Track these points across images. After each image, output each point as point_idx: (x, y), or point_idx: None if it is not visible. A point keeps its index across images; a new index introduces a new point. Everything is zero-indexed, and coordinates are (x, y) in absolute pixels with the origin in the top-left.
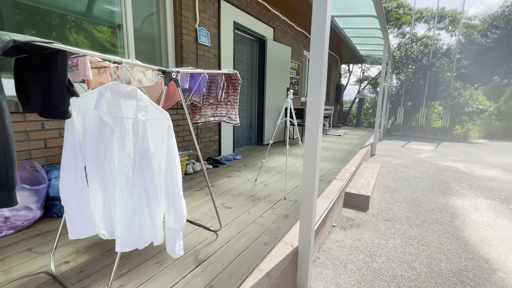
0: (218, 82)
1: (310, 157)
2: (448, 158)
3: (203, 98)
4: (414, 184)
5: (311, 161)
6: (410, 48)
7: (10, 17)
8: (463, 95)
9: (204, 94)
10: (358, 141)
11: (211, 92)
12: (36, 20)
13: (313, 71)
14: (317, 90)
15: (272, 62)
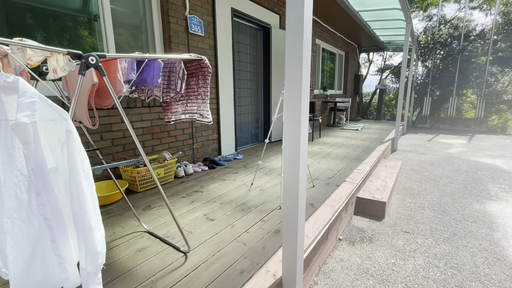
0: (177, 70)
1: (291, 166)
2: (483, 154)
3: (162, 92)
4: (442, 186)
5: (292, 172)
6: (438, 32)
7: None
8: (500, 81)
9: (163, 86)
10: (377, 135)
11: (171, 83)
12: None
13: (289, 51)
14: (295, 77)
15: (279, 52)
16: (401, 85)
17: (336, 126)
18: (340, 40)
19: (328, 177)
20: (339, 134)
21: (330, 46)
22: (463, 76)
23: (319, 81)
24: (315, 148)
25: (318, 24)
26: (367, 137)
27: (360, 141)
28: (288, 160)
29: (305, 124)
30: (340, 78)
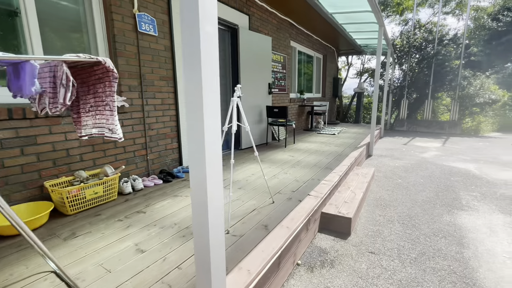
0: (59, 75)
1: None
2: (456, 157)
3: (49, 103)
4: (414, 194)
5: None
6: (413, 36)
7: None
8: (473, 84)
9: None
10: (353, 140)
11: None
12: None
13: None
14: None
15: (248, 54)
16: (376, 88)
17: (314, 131)
18: (317, 43)
19: (293, 190)
20: (315, 139)
21: (307, 48)
22: (437, 79)
23: (295, 84)
24: (286, 155)
25: (293, 26)
26: (342, 142)
27: (335, 146)
28: (194, 188)
29: (212, 138)
30: (318, 81)
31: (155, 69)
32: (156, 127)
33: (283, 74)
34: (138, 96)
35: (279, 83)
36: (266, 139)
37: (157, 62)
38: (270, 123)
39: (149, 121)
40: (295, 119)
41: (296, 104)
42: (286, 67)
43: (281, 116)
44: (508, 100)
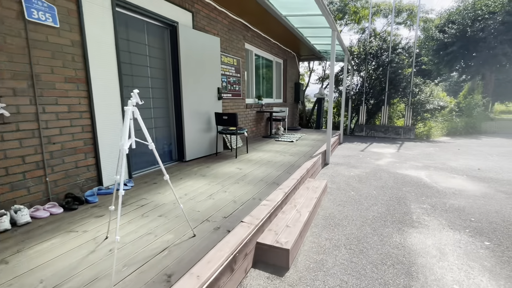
0: None
1: None
2: (409, 164)
3: None
4: (365, 210)
5: None
6: (369, 44)
7: None
8: (424, 91)
9: None
10: (310, 148)
11: None
12: None
13: None
14: None
15: (192, 56)
16: (330, 94)
17: (272, 138)
18: (275, 47)
19: (225, 215)
20: (271, 147)
21: (265, 52)
22: (392, 86)
23: (253, 89)
24: (234, 168)
25: (247, 28)
26: (298, 150)
27: (289, 156)
28: None
29: None
30: (279, 87)
31: (57, 68)
32: (60, 140)
33: (237, 78)
34: (29, 102)
35: (233, 88)
36: (216, 148)
37: (59, 59)
38: (220, 131)
39: (48, 133)
40: (253, 125)
41: (253, 110)
42: (240, 70)
43: (231, 124)
44: (454, 107)
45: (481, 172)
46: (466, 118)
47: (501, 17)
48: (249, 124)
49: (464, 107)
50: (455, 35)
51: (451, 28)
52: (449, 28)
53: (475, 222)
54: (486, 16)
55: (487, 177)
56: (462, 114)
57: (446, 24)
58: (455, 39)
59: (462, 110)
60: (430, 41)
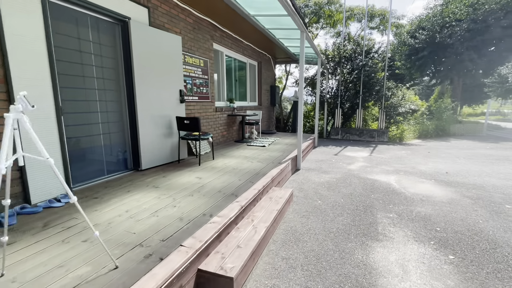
0: None
1: None
2: (380, 169)
3: None
4: (330, 221)
5: None
6: (343, 47)
7: None
8: (396, 95)
9: None
10: (281, 153)
11: None
12: None
13: None
14: None
15: (148, 55)
16: (300, 96)
17: (245, 142)
18: (249, 48)
19: (163, 238)
20: (240, 153)
21: (237, 54)
22: (367, 89)
23: (224, 92)
24: (193, 177)
25: (216, 27)
26: (268, 156)
27: (257, 162)
28: None
29: None
30: (253, 89)
31: None
32: None
33: (204, 80)
34: None
35: (200, 90)
36: (178, 155)
37: None
38: (183, 137)
39: None
40: (224, 129)
41: (224, 114)
42: (208, 72)
43: (193, 129)
44: (425, 110)
45: (449, 176)
46: (437, 121)
47: (467, 24)
48: (220, 128)
49: (434, 111)
50: (425, 40)
51: (421, 34)
52: (420, 34)
53: (441, 232)
54: (453, 23)
55: (454, 181)
56: (433, 117)
57: (417, 30)
58: (425, 45)
59: (433, 113)
60: (402, 46)
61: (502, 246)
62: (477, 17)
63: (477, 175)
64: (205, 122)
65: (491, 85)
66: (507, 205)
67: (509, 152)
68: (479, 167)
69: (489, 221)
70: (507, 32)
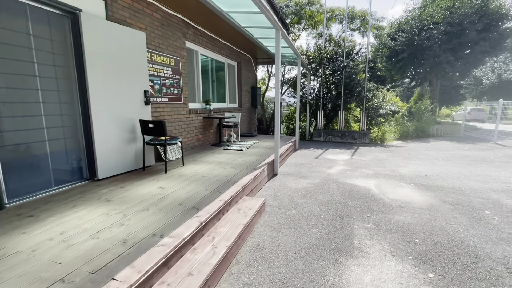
0: None
1: None
2: (360, 173)
3: None
4: (303, 235)
5: None
6: (324, 48)
7: None
8: (377, 96)
9: None
10: (257, 158)
11: None
12: None
13: None
14: None
15: (104, 51)
16: (277, 97)
17: (222, 146)
18: (226, 48)
19: (95, 268)
20: (214, 158)
21: (214, 53)
22: (348, 91)
23: (199, 93)
24: (155, 188)
25: (188, 25)
26: (244, 161)
27: (230, 168)
28: None
29: None
30: (233, 91)
31: None
32: None
33: (175, 80)
34: None
35: (170, 91)
36: (143, 162)
37: None
38: (148, 142)
39: None
40: (200, 133)
41: (199, 116)
42: (180, 72)
43: (158, 133)
44: (405, 112)
45: (428, 179)
46: (417, 122)
47: (444, 27)
48: (194, 131)
49: (414, 112)
50: (405, 43)
51: (401, 36)
52: (400, 36)
53: (420, 245)
54: (431, 26)
55: (433, 185)
56: (413, 118)
57: (397, 33)
58: (405, 47)
59: (413, 115)
60: (383, 48)
61: (483, 259)
62: (453, 20)
63: (456, 178)
64: (177, 125)
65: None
66: (486, 210)
67: (485, 153)
68: (457, 169)
69: (469, 230)
70: (481, 36)
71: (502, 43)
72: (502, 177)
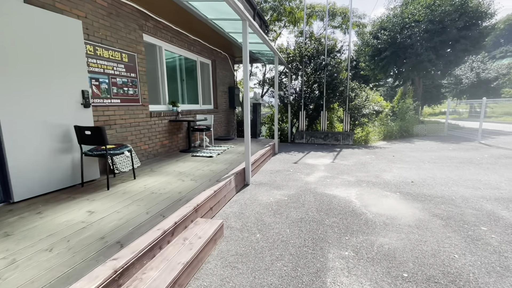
0: None
1: None
2: (341, 180)
3: None
4: (264, 272)
5: None
6: (305, 45)
7: None
8: (360, 96)
9: None
10: (227, 166)
11: None
12: None
13: None
14: None
15: (20, 41)
16: (245, 96)
17: (192, 151)
18: (197, 45)
19: None
20: (177, 167)
21: (183, 50)
22: (331, 90)
23: (165, 93)
24: (81, 212)
25: (146, 16)
26: (210, 170)
27: (191, 180)
28: None
29: None
30: (208, 91)
31: None
32: None
33: (130, 78)
34: None
35: (124, 91)
36: (82, 177)
37: None
38: (86, 152)
39: None
40: (165, 138)
41: (164, 119)
42: (137, 69)
43: (98, 141)
44: (389, 111)
45: (415, 186)
46: (400, 122)
47: (425, 25)
48: (158, 137)
49: (398, 111)
50: (387, 41)
51: (383, 34)
52: (382, 35)
53: (409, 282)
54: (412, 24)
55: (421, 194)
56: (396, 118)
57: (379, 31)
58: (387, 45)
59: (396, 114)
60: (366, 47)
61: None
62: (434, 18)
63: (444, 184)
64: (134, 130)
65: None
66: (482, 226)
67: (471, 154)
68: (445, 173)
69: (466, 255)
70: (462, 34)
71: (482, 42)
72: (492, 181)
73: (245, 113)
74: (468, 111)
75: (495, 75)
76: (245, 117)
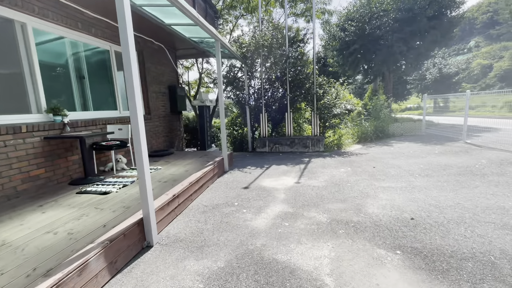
0: None
1: None
2: (306, 223)
3: None
4: None
5: None
6: (261, 33)
7: None
8: (329, 93)
9: None
10: (119, 213)
11: None
12: None
13: None
14: None
15: None
16: (130, 96)
17: (88, 182)
18: (105, 27)
19: None
20: (18, 224)
21: (76, 32)
22: (296, 87)
23: (40, 96)
24: None
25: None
26: (68, 233)
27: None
28: None
29: None
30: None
31: None
32: None
33: None
34: None
35: None
36: None
37: None
38: None
39: None
40: (39, 165)
41: (34, 137)
42: None
43: None
44: (362, 110)
45: (418, 229)
46: (375, 121)
47: (394, 13)
48: (17, 165)
49: (371, 109)
50: (355, 32)
51: (350, 25)
52: (349, 26)
53: None
54: (381, 14)
55: (434, 250)
56: (370, 116)
57: (346, 22)
58: (356, 37)
59: (370, 113)
60: (333, 40)
61: None
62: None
63: (459, 220)
64: None
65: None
66: None
67: (464, 159)
68: (449, 196)
69: None
70: (432, 24)
71: (451, 32)
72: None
73: (133, 121)
74: (433, 106)
75: (456, 70)
76: (132, 125)
